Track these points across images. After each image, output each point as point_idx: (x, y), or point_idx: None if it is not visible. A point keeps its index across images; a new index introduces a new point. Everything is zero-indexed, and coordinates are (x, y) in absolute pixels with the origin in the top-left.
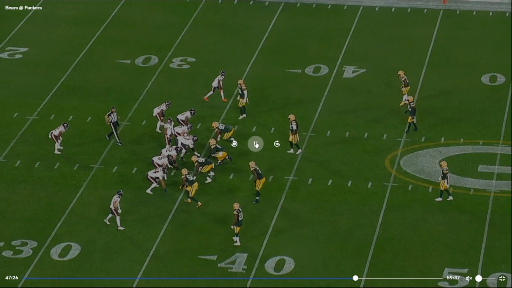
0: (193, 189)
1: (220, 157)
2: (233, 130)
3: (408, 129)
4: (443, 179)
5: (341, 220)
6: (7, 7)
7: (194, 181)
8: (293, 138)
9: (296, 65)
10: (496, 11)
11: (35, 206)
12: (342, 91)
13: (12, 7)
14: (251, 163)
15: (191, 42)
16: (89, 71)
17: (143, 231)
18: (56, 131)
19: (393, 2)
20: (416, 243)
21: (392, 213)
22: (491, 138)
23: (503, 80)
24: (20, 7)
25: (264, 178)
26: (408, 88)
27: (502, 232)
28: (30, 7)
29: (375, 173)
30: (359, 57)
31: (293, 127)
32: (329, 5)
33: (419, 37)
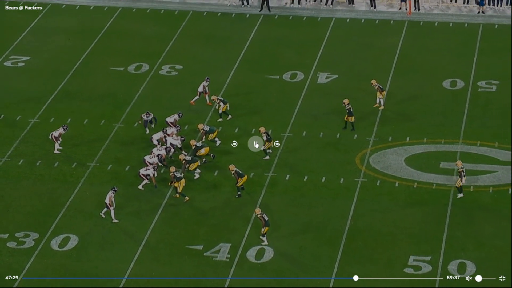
0: (180, 185)
1: (203, 153)
2: (217, 131)
3: (345, 128)
4: (460, 177)
5: (316, 212)
6: (7, 7)
7: (182, 178)
8: (267, 145)
9: (275, 72)
10: (456, 22)
11: (36, 201)
12: (316, 95)
13: (12, 7)
14: (230, 166)
15: (178, 51)
16: (86, 77)
17: (135, 223)
18: (56, 132)
19: (363, 14)
20: (384, 233)
21: (362, 206)
22: (452, 137)
23: (462, 84)
24: (20, 7)
25: (246, 176)
26: (384, 93)
27: (462, 223)
28: (30, 7)
29: (347, 170)
30: (331, 64)
31: (264, 137)
32: (304, 17)
33: (386, 46)
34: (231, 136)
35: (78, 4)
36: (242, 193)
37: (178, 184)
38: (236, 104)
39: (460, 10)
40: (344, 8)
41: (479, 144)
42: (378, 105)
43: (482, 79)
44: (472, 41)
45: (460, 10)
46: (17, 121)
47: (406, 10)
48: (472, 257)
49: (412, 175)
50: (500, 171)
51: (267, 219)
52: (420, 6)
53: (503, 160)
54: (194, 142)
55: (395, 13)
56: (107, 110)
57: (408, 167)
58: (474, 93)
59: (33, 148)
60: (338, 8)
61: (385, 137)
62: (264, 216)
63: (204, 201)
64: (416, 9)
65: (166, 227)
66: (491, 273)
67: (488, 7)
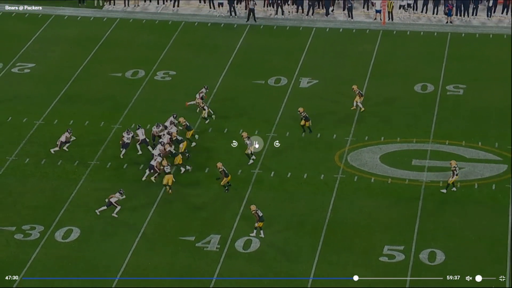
0: (169, 180)
1: (180, 148)
2: (193, 130)
3: (304, 132)
4: (452, 175)
5: (298, 206)
6: (7, 7)
7: (170, 173)
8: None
9: (260, 77)
10: (426, 31)
11: (41, 196)
12: (298, 98)
13: (12, 7)
14: (218, 164)
15: (172, 58)
16: (87, 82)
17: (133, 217)
18: (62, 137)
19: (341, 24)
20: (361, 225)
21: (341, 200)
22: (423, 137)
23: (432, 88)
24: (20, 7)
25: (230, 177)
26: (362, 98)
27: (432, 215)
28: (30, 7)
29: (327, 167)
30: (312, 70)
31: (247, 142)
32: (287, 27)
33: (362, 53)
34: (222, 136)
35: (79, 15)
36: (229, 189)
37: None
38: (225, 107)
39: (430, 20)
40: (323, 19)
41: (447, 143)
42: (354, 107)
43: (450, 83)
44: (441, 49)
45: (430, 20)
46: (24, 123)
47: (380, 20)
48: (442, 247)
49: (386, 172)
50: (467, 167)
51: (261, 215)
52: (394, 17)
53: (470, 158)
54: (175, 134)
55: (370, 23)
56: (107, 113)
57: (382, 164)
58: (443, 96)
59: (38, 148)
60: (318, 19)
61: (362, 136)
62: (259, 212)
63: (195, 196)
64: (390, 19)
65: (161, 220)
66: (458, 262)
67: (456, 18)
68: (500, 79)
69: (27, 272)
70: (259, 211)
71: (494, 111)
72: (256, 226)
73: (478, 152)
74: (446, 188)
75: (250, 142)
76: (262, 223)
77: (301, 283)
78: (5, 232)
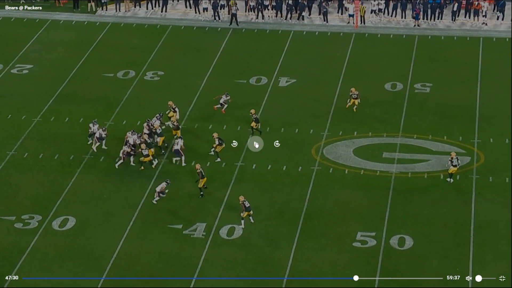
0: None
1: (158, 142)
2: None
3: (253, 133)
4: (453, 166)
5: (278, 196)
6: (7, 7)
7: (148, 155)
8: (218, 148)
9: (242, 76)
10: (395, 34)
11: (39, 188)
12: (278, 96)
13: (12, 7)
14: (197, 165)
15: (160, 59)
16: (81, 82)
17: (124, 206)
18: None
19: (317, 28)
20: (335, 213)
21: (317, 190)
22: (393, 131)
23: (401, 87)
24: (20, 7)
25: (205, 178)
26: (358, 100)
27: (401, 204)
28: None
29: (304, 160)
30: (291, 70)
31: (217, 141)
32: (267, 30)
33: (336, 54)
34: (207, 131)
35: (74, 20)
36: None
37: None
38: (209, 104)
39: (399, 24)
40: (301, 22)
41: (415, 137)
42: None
43: (418, 82)
44: (409, 50)
45: (399, 24)
46: (23, 120)
47: (353, 24)
48: (410, 233)
49: (359, 164)
50: (433, 159)
51: (248, 205)
52: (366, 21)
53: (436, 150)
54: (157, 125)
55: (344, 26)
56: (100, 110)
57: (355, 157)
58: (411, 94)
59: (36, 143)
60: (296, 23)
61: (336, 131)
62: (246, 203)
63: (183, 188)
64: (362, 23)
65: (151, 210)
66: (426, 247)
67: (423, 21)
68: (464, 78)
69: (26, 258)
70: (247, 202)
71: (459, 107)
72: (243, 217)
73: (444, 145)
74: (451, 178)
75: (219, 142)
76: (247, 212)
77: (281, 267)
78: (6, 221)
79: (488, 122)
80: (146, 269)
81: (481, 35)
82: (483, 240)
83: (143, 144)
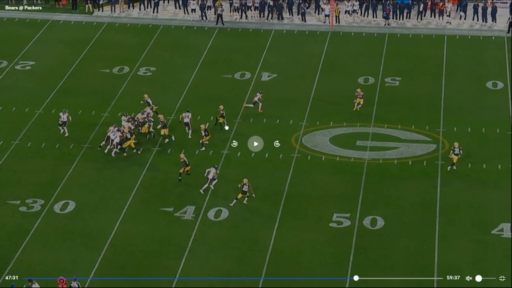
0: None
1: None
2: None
3: (221, 128)
4: (455, 155)
5: (261, 181)
6: (7, 7)
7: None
8: (205, 139)
9: (228, 72)
10: (367, 32)
11: (42, 174)
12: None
13: (12, 7)
14: (181, 155)
15: (152, 56)
16: (79, 78)
17: (120, 191)
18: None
19: (296, 27)
20: (313, 196)
21: (297, 176)
22: (365, 121)
23: (373, 81)
24: (20, 7)
25: (189, 166)
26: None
27: (373, 188)
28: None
29: (284, 148)
30: (272, 66)
31: (203, 133)
32: (250, 29)
33: (314, 51)
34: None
35: (72, 20)
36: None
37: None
38: (198, 98)
39: (370, 23)
40: (281, 22)
41: (386, 127)
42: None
43: (388, 76)
44: (380, 47)
45: (370, 23)
46: (26, 112)
47: (329, 24)
48: (381, 214)
49: (335, 151)
50: (402, 147)
51: (245, 189)
52: (340, 20)
53: (405, 139)
54: (140, 117)
55: (320, 25)
56: (97, 103)
57: (332, 145)
58: (382, 87)
59: (39, 133)
60: (276, 22)
61: (314, 122)
62: (244, 187)
63: (174, 174)
64: (337, 22)
65: (144, 194)
66: (395, 227)
67: (392, 21)
68: (430, 72)
69: (30, 239)
70: (246, 186)
71: (425, 99)
72: (238, 198)
73: (412, 134)
74: (453, 165)
75: (205, 133)
76: (243, 195)
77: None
78: (11, 205)
79: (452, 112)
80: (141, 248)
81: (446, 33)
82: (448, 220)
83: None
